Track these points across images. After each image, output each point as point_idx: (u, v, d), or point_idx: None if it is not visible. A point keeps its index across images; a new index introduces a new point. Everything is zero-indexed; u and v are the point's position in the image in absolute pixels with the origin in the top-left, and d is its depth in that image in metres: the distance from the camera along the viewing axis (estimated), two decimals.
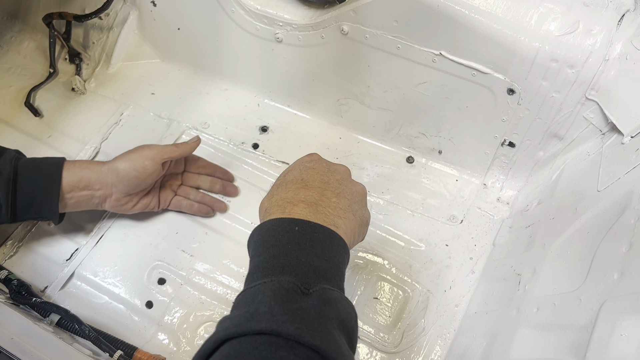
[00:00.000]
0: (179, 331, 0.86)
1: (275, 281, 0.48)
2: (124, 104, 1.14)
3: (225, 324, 0.45)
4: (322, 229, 0.55)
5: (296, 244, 0.53)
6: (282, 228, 0.55)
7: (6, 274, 0.83)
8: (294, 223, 0.55)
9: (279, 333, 0.42)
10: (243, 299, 0.49)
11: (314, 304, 0.47)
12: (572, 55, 0.77)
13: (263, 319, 0.43)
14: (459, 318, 0.86)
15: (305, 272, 0.50)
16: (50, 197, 0.78)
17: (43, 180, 0.78)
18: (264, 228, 0.56)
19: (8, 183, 0.75)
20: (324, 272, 0.52)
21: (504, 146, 0.94)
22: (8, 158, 0.78)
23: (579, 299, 0.62)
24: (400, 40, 0.89)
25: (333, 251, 0.55)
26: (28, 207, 0.77)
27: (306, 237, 0.54)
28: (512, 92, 0.85)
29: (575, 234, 0.72)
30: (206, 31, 1.09)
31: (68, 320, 0.79)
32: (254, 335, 0.43)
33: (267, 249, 0.53)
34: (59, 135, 1.09)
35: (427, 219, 0.97)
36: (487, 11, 0.80)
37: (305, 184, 0.62)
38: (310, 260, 0.52)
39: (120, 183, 0.83)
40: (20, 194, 0.76)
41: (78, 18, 1.14)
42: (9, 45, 1.25)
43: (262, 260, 0.52)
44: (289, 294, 0.47)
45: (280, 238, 0.54)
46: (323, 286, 0.49)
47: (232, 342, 0.43)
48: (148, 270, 0.91)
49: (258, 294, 0.47)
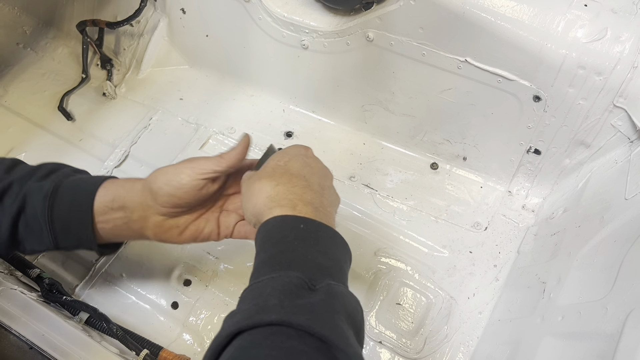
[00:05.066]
0: (204, 332, 0.87)
1: (284, 276, 0.49)
2: (153, 108, 1.16)
3: (235, 318, 0.46)
4: (326, 228, 0.56)
5: (302, 241, 0.53)
6: (288, 225, 0.55)
7: (38, 272, 0.85)
8: (299, 221, 0.55)
9: (290, 324, 0.43)
10: (250, 293, 0.49)
11: (322, 298, 0.48)
12: (600, 62, 0.77)
13: (273, 311, 0.44)
14: (482, 325, 0.86)
15: (311, 269, 0.51)
16: (84, 219, 0.67)
17: (78, 198, 0.67)
18: (270, 224, 0.56)
19: (45, 199, 0.66)
20: (328, 270, 0.52)
21: (529, 153, 0.93)
22: (56, 176, 0.69)
23: (605, 307, 0.61)
24: (426, 47, 0.89)
25: (336, 250, 0.56)
26: (67, 231, 0.67)
27: (311, 235, 0.55)
28: (538, 99, 0.85)
29: (602, 243, 0.72)
30: (233, 38, 1.11)
31: (97, 319, 0.81)
32: (264, 326, 0.44)
33: (274, 244, 0.54)
34: (89, 138, 1.12)
35: (451, 225, 0.96)
36: (513, 18, 0.80)
37: (309, 184, 0.61)
38: (315, 258, 0.53)
39: (154, 202, 0.67)
40: (57, 212, 0.66)
41: (110, 25, 1.18)
42: (43, 51, 1.29)
43: (269, 256, 0.53)
44: (297, 289, 0.48)
45: (287, 234, 0.54)
46: (329, 282, 0.50)
47: (244, 335, 0.44)
48: (174, 272, 0.93)
49: (266, 287, 0.48)
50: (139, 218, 0.68)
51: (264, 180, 0.60)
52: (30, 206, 0.67)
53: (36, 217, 0.67)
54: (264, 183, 0.60)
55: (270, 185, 0.60)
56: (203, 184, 0.66)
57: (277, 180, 0.60)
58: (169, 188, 0.65)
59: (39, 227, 0.67)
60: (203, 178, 0.66)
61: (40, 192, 0.67)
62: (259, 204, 0.59)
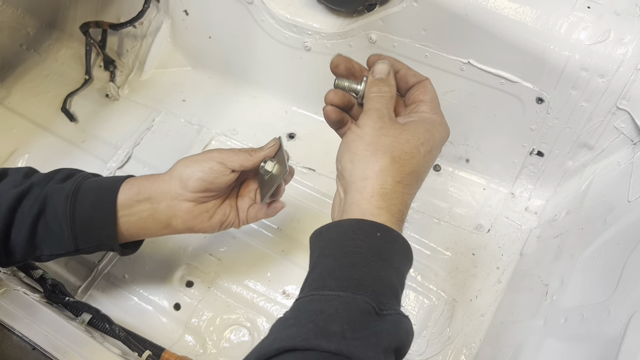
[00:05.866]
0: (206, 334, 0.87)
1: (351, 298, 0.45)
2: (156, 110, 1.16)
3: (290, 331, 0.44)
4: (402, 241, 0.52)
5: (377, 254, 0.49)
6: (363, 232, 0.50)
7: (41, 273, 0.85)
8: (376, 228, 0.50)
9: (349, 357, 0.41)
10: (311, 305, 0.46)
11: (389, 330, 0.45)
12: (603, 64, 0.77)
13: (334, 340, 0.42)
14: (485, 328, 0.86)
15: (382, 290, 0.47)
16: (107, 215, 0.68)
17: (100, 195, 0.69)
18: (344, 227, 0.51)
19: (67, 199, 0.67)
20: (396, 290, 0.49)
21: (532, 155, 0.93)
22: (77, 177, 0.70)
23: (608, 310, 0.61)
24: (428, 48, 0.89)
25: (405, 266, 0.52)
26: (88, 230, 0.68)
27: (387, 246, 0.50)
28: (541, 101, 0.85)
29: (605, 245, 0.71)
30: (236, 40, 1.11)
31: (99, 320, 0.81)
32: (321, 351, 0.42)
33: (345, 254, 0.49)
34: (92, 140, 1.12)
35: (454, 227, 0.96)
36: (517, 20, 0.80)
37: (417, 189, 0.55)
38: (389, 276, 0.49)
39: (186, 189, 0.69)
40: (78, 211, 0.67)
41: (113, 26, 1.18)
42: (47, 52, 1.30)
43: (338, 267, 0.48)
44: (363, 316, 0.45)
45: (360, 244, 0.49)
46: (397, 310, 0.47)
47: (297, 354, 0.42)
48: (176, 273, 0.93)
49: (330, 307, 0.45)
50: (167, 207, 0.70)
51: (394, 164, 0.53)
52: (50, 207, 0.67)
53: (57, 218, 0.67)
54: (391, 166, 0.52)
55: (393, 175, 0.52)
56: (230, 175, 0.70)
57: (403, 176, 0.53)
58: (202, 174, 0.68)
59: (59, 229, 0.67)
60: (231, 170, 0.70)
61: (62, 192, 0.68)
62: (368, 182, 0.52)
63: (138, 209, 0.69)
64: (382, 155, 0.53)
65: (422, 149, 0.54)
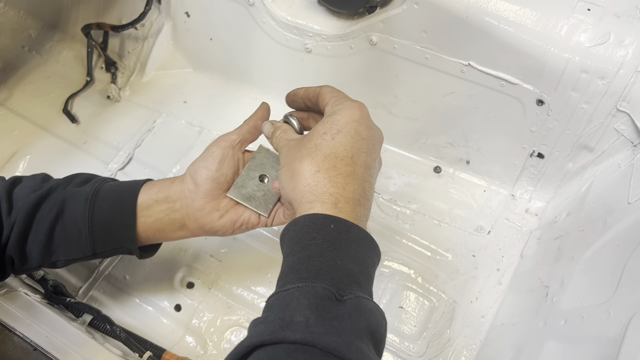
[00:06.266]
0: (206, 335, 0.87)
1: (310, 287, 0.47)
2: (157, 111, 1.17)
3: (259, 328, 0.45)
4: (357, 229, 0.53)
5: (331, 244, 0.51)
6: (317, 225, 0.52)
7: (42, 274, 0.85)
8: (329, 220, 0.52)
9: (314, 345, 0.42)
10: (276, 301, 0.48)
11: (349, 313, 0.46)
12: (603, 66, 0.77)
13: (298, 330, 0.43)
14: (485, 329, 0.86)
15: (340, 277, 0.49)
16: (127, 216, 0.69)
17: (120, 197, 0.70)
18: (299, 223, 0.53)
19: (86, 202, 0.67)
20: (356, 277, 0.50)
21: (532, 157, 0.93)
22: (95, 181, 0.71)
23: (608, 311, 0.61)
24: (429, 50, 0.89)
25: (365, 253, 0.53)
26: (107, 232, 0.68)
27: (341, 236, 0.52)
28: (542, 103, 0.85)
29: (605, 247, 0.72)
30: (237, 41, 1.11)
31: (100, 321, 0.81)
32: (288, 343, 0.43)
33: (302, 248, 0.51)
34: (94, 141, 1.13)
35: (454, 229, 0.96)
36: (517, 22, 0.80)
37: (354, 170, 0.56)
38: (345, 264, 0.50)
39: (195, 184, 0.70)
40: (97, 214, 0.67)
41: (115, 28, 1.18)
42: (48, 54, 1.30)
43: (297, 261, 0.51)
44: (323, 301, 0.46)
45: (315, 236, 0.51)
46: (357, 294, 0.48)
47: (267, 349, 0.43)
48: (177, 274, 0.93)
49: (292, 300, 0.47)
50: (181, 207, 0.70)
51: (304, 161, 0.56)
52: (68, 211, 0.68)
53: (75, 222, 0.67)
54: (304, 165, 0.56)
55: (310, 170, 0.55)
56: (231, 152, 0.71)
57: (319, 164, 0.55)
58: (204, 163, 0.70)
59: (77, 232, 0.68)
60: (232, 147, 0.71)
61: (81, 195, 0.68)
62: (297, 190, 0.56)
63: (156, 209, 0.70)
64: (298, 164, 0.57)
65: (327, 136, 0.57)
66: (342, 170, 0.55)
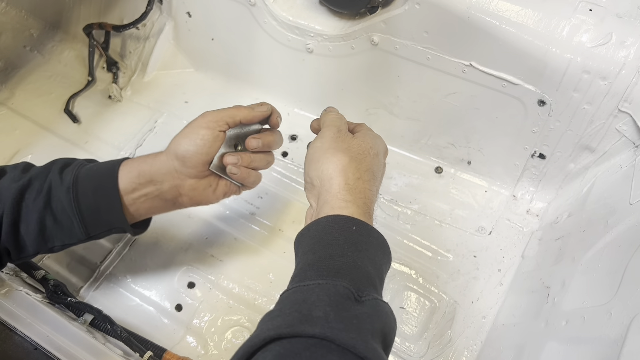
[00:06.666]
0: (207, 334, 0.87)
1: (331, 284, 0.48)
2: (158, 111, 1.17)
3: (276, 321, 0.45)
4: (377, 234, 0.56)
5: (353, 245, 0.52)
6: (339, 226, 0.54)
7: (43, 274, 0.85)
8: (351, 222, 0.54)
9: (333, 340, 0.43)
10: (294, 295, 0.48)
11: (368, 313, 0.47)
12: (605, 66, 0.77)
13: (317, 324, 0.44)
14: (486, 330, 0.86)
15: (360, 278, 0.50)
16: (112, 200, 0.69)
17: (100, 182, 0.69)
18: (322, 223, 0.55)
19: (69, 191, 0.67)
20: (373, 280, 0.52)
21: (534, 158, 0.93)
22: (73, 166, 0.71)
23: (610, 312, 0.61)
24: (430, 51, 0.89)
25: (381, 258, 0.55)
26: (96, 217, 0.69)
27: (362, 239, 0.53)
28: (543, 104, 0.85)
29: (606, 247, 0.71)
30: (239, 41, 1.11)
31: (101, 320, 0.81)
32: (307, 337, 0.43)
33: (324, 247, 0.52)
34: (95, 141, 1.13)
35: (455, 229, 0.96)
36: (518, 22, 0.80)
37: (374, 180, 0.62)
38: (365, 266, 0.52)
39: (184, 166, 0.69)
40: (83, 201, 0.68)
41: (117, 28, 1.18)
42: (50, 54, 1.30)
43: (318, 259, 0.52)
44: (343, 300, 0.47)
45: (337, 237, 0.53)
46: (375, 296, 0.49)
47: (283, 342, 0.43)
48: (178, 274, 0.93)
49: (312, 295, 0.47)
50: (171, 187, 0.71)
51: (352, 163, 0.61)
52: (55, 201, 0.68)
53: (64, 211, 0.68)
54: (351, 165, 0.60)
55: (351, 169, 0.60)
56: (222, 135, 0.70)
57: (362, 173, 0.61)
58: (195, 147, 0.68)
59: (68, 220, 0.68)
60: (220, 130, 0.70)
61: (63, 185, 0.68)
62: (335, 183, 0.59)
63: (143, 192, 0.70)
64: (342, 155, 0.61)
65: (372, 152, 0.64)
66: (373, 184, 0.61)
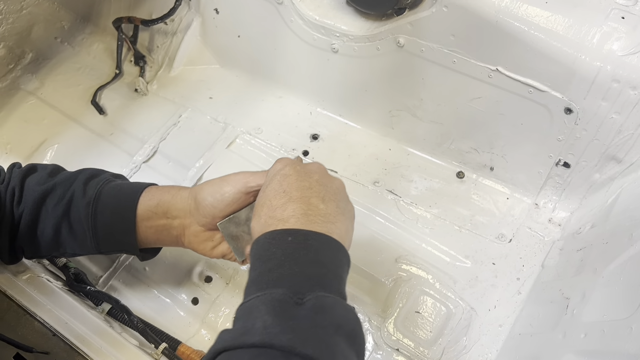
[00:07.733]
0: (222, 329, 0.88)
1: (268, 294, 0.50)
2: (183, 106, 1.18)
3: (224, 336, 0.48)
4: (316, 235, 0.55)
5: (290, 255, 0.54)
6: (275, 241, 0.55)
7: (64, 261, 0.87)
8: (287, 234, 0.55)
9: (272, 345, 0.44)
10: (240, 312, 0.51)
11: (307, 314, 0.48)
12: (636, 76, 0.75)
13: (257, 333, 0.46)
14: (502, 339, 0.84)
15: (299, 282, 0.51)
16: (127, 225, 0.70)
17: (120, 204, 0.70)
18: (260, 242, 0.57)
19: (88, 205, 0.69)
20: (319, 279, 0.52)
21: (558, 166, 0.91)
22: (98, 181, 0.72)
23: (630, 327, 0.60)
24: (457, 54, 0.88)
25: (329, 256, 0.55)
26: (109, 236, 0.70)
27: (299, 245, 0.54)
28: (570, 112, 0.83)
29: (630, 261, 0.70)
30: (265, 39, 1.12)
31: (118, 310, 0.82)
32: (249, 347, 0.45)
33: (263, 262, 0.54)
34: (120, 133, 1.14)
35: (475, 235, 0.95)
36: (547, 28, 0.79)
37: (289, 196, 0.59)
38: (304, 270, 0.53)
39: (197, 211, 0.69)
40: (100, 218, 0.69)
41: (145, 22, 1.20)
42: (80, 46, 1.32)
43: (258, 274, 0.54)
44: (281, 305, 0.49)
45: (275, 251, 0.54)
46: (317, 294, 0.50)
47: (229, 353, 0.46)
48: (196, 268, 0.94)
49: (253, 309, 0.49)
50: (179, 225, 0.71)
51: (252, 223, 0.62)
52: (74, 211, 0.70)
53: (80, 222, 0.70)
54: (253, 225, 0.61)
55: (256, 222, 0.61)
56: (243, 197, 0.68)
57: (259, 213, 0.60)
58: (212, 199, 0.68)
59: (83, 233, 0.70)
60: (246, 192, 0.68)
61: (84, 199, 0.70)
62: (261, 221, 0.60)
63: (155, 222, 0.71)
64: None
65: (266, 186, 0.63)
66: (277, 202, 0.59)
